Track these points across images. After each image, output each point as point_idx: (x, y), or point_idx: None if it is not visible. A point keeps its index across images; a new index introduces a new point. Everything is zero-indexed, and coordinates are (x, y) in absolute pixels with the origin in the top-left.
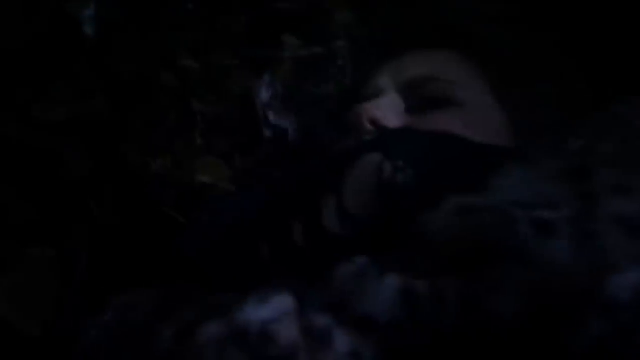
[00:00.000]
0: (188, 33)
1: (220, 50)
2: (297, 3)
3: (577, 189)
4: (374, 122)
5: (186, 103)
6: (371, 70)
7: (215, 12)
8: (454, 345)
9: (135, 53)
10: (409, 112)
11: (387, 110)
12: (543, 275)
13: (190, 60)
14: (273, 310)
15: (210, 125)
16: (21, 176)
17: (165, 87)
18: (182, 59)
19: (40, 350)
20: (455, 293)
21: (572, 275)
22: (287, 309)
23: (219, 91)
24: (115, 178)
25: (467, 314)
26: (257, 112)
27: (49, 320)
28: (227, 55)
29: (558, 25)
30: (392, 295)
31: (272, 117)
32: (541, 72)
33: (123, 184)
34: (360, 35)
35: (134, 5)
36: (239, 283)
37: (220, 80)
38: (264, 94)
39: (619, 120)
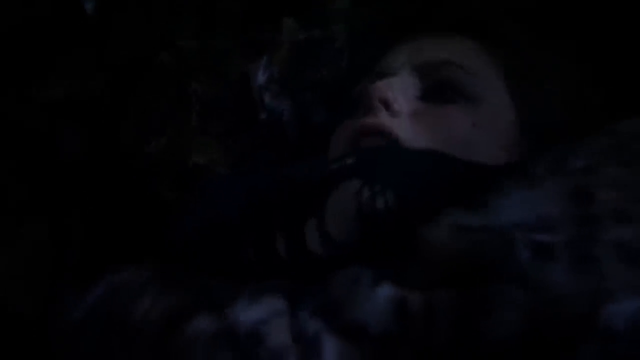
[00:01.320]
0: (187, 14)
1: (218, 32)
2: None
3: (577, 212)
4: (383, 101)
5: (183, 84)
6: (386, 48)
7: None
8: None
9: (133, 33)
10: (421, 98)
11: (398, 91)
12: (539, 300)
13: (188, 42)
14: (264, 311)
15: (206, 106)
16: (18, 155)
17: (162, 68)
18: (180, 39)
19: (34, 328)
20: (449, 310)
21: (568, 301)
22: (279, 311)
23: (215, 73)
24: (110, 157)
25: (459, 333)
26: (253, 95)
27: (43, 298)
28: (225, 37)
29: (577, 28)
30: (385, 306)
31: (268, 99)
32: (552, 72)
33: (118, 164)
34: (359, 19)
35: None
36: (224, 274)
37: (217, 61)
38: (261, 77)
39: (623, 141)
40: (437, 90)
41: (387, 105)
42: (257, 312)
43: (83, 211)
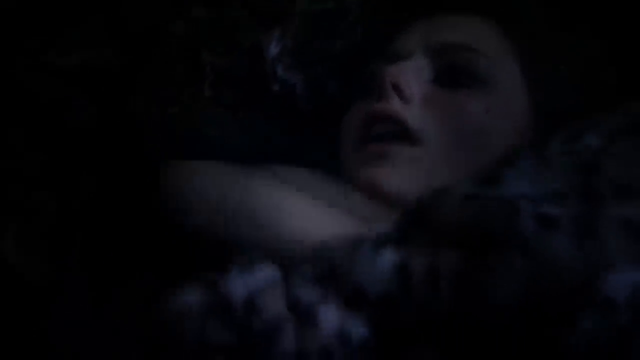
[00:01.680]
0: None
1: (231, 1)
2: None
3: (585, 187)
4: (395, 86)
5: (195, 54)
6: (401, 23)
7: None
8: (445, 328)
9: (146, 1)
10: (434, 81)
11: (411, 76)
12: (540, 268)
13: (202, 11)
14: (258, 281)
15: (218, 77)
16: (29, 123)
17: (175, 38)
18: (193, 9)
19: (41, 299)
20: (453, 275)
21: (569, 270)
22: (273, 280)
23: (228, 43)
24: (121, 128)
25: (462, 298)
26: (266, 66)
27: (51, 268)
28: (237, 8)
29: (592, 8)
30: (386, 270)
31: (280, 71)
32: (568, 54)
33: (129, 135)
34: None
35: None
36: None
37: (230, 32)
38: (273, 48)
39: (637, 121)
40: (451, 73)
41: (399, 91)
42: (250, 281)
43: (92, 183)
